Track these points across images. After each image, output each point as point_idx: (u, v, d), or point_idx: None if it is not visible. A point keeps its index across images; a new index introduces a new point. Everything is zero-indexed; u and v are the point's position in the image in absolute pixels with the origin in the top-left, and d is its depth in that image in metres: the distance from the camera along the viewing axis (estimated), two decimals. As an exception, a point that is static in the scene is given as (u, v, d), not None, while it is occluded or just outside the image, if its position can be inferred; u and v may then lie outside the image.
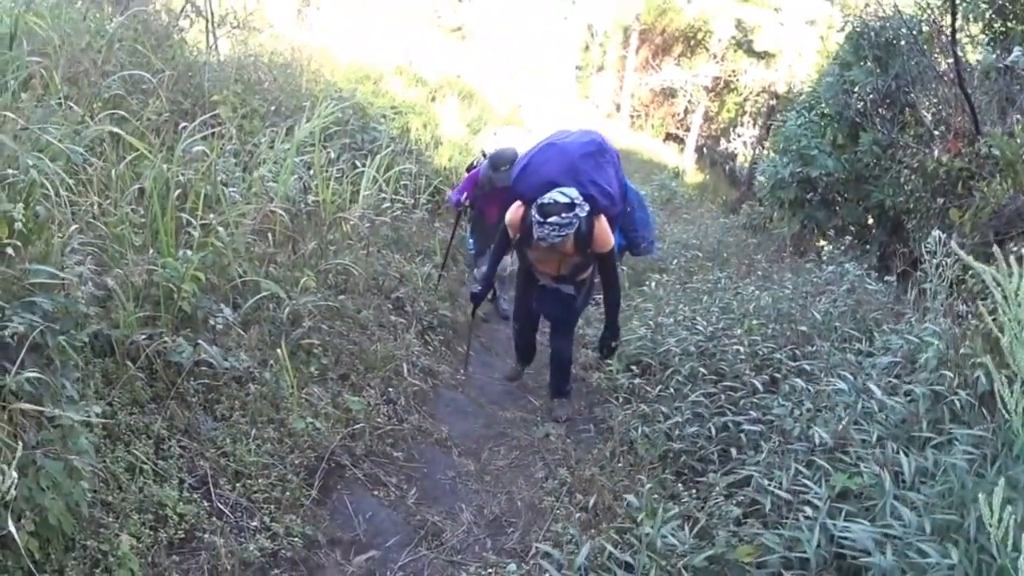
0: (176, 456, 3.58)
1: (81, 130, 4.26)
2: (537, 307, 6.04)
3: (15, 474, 2.16)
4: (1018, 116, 5.52)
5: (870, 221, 10.60)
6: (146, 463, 3.35)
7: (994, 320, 2.82)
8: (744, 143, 24.54)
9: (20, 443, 2.45)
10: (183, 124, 5.29)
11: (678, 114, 32.62)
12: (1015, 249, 4.65)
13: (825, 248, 8.38)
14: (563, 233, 4.81)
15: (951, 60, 7.24)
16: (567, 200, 4.79)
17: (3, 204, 2.95)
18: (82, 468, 2.74)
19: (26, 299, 2.80)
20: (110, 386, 3.52)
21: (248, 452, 3.86)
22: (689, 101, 31.24)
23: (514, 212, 5.32)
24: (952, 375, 3.86)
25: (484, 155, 7.44)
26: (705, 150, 30.45)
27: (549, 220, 4.77)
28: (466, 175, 7.77)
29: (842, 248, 7.75)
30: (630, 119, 33.04)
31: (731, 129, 27.95)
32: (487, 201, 7.25)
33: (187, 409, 3.86)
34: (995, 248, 2.95)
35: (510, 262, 7.39)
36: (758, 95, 27.29)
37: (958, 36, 8.92)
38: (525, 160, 5.41)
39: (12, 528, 2.41)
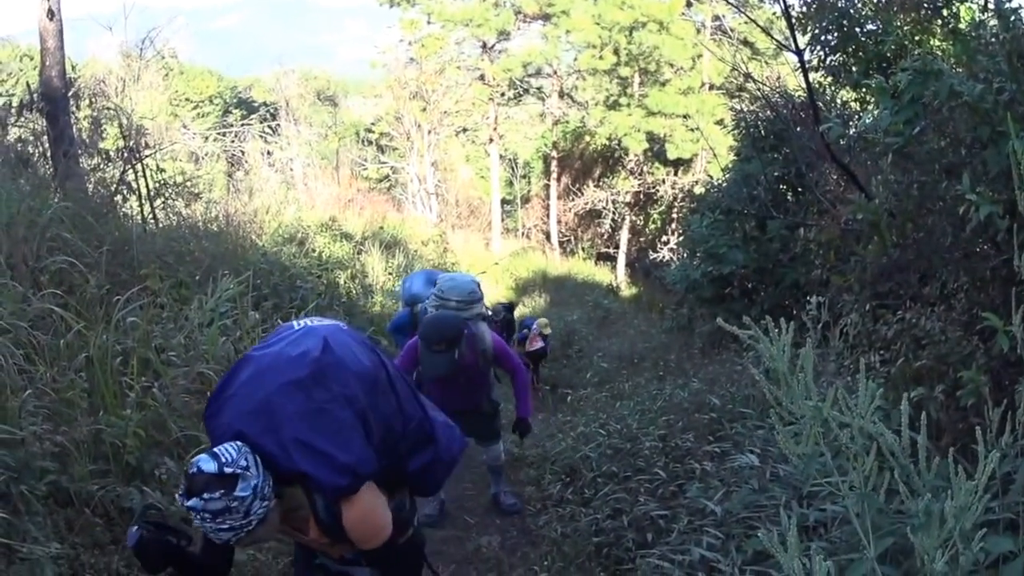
0: (136, 589, 3.92)
1: (25, 308, 4.71)
2: None
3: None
4: (878, 176, 6.03)
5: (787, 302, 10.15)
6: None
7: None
8: (671, 250, 25.10)
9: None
10: (118, 296, 5.75)
11: (605, 233, 33.11)
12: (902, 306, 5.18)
13: (742, 336, 8.41)
14: (224, 526, 2.42)
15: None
16: (213, 469, 2.42)
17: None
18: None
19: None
20: (72, 532, 3.87)
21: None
22: (614, 219, 31.82)
23: None
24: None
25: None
26: (636, 264, 30.77)
27: (190, 504, 2.40)
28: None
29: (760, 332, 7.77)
30: (560, 246, 33.60)
31: (658, 239, 28.57)
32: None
33: (141, 549, 4.21)
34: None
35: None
36: (681, 201, 27.73)
37: (852, 104, 9.63)
38: (223, 380, 2.81)
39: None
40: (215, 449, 2.47)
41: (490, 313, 6.02)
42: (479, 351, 5.64)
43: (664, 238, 27.35)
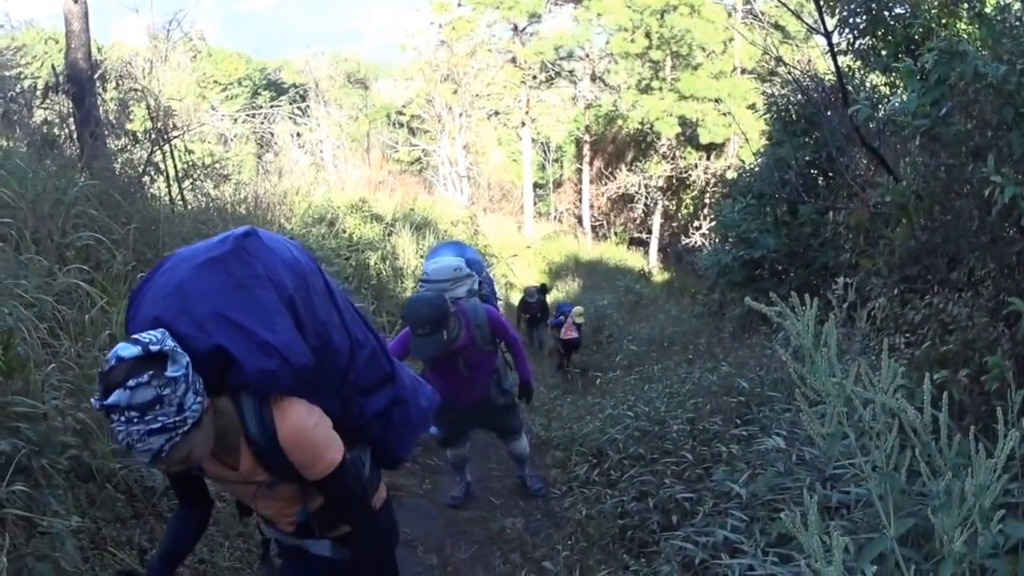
0: (158, 563, 3.94)
1: (50, 282, 4.74)
2: None
3: (5, 559, 2.52)
4: (906, 159, 5.99)
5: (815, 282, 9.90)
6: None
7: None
8: (703, 235, 24.95)
9: (8, 541, 2.85)
10: (142, 274, 5.76)
11: (638, 218, 33.11)
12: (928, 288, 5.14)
13: (771, 316, 8.31)
14: (156, 425, 1.99)
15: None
16: (137, 352, 2.01)
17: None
18: (69, 569, 3.12)
19: (10, 426, 3.24)
20: (93, 506, 3.89)
21: (223, 559, 4.23)
22: (646, 204, 31.78)
23: None
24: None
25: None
26: (669, 249, 30.81)
27: (110, 401, 1.96)
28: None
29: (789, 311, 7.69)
30: (592, 230, 33.63)
31: (690, 224, 28.51)
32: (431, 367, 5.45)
33: (164, 523, 4.20)
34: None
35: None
36: (713, 186, 27.52)
37: (881, 88, 9.56)
38: (142, 282, 2.44)
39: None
40: (134, 335, 2.07)
41: (478, 287, 5.62)
42: (473, 328, 5.30)
43: (696, 223, 27.23)
